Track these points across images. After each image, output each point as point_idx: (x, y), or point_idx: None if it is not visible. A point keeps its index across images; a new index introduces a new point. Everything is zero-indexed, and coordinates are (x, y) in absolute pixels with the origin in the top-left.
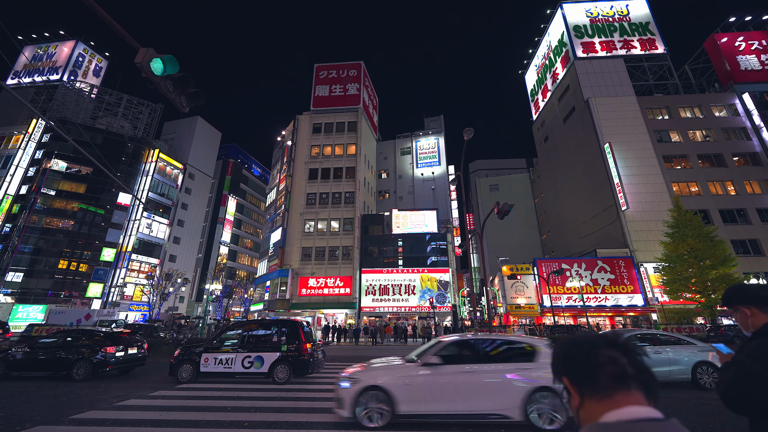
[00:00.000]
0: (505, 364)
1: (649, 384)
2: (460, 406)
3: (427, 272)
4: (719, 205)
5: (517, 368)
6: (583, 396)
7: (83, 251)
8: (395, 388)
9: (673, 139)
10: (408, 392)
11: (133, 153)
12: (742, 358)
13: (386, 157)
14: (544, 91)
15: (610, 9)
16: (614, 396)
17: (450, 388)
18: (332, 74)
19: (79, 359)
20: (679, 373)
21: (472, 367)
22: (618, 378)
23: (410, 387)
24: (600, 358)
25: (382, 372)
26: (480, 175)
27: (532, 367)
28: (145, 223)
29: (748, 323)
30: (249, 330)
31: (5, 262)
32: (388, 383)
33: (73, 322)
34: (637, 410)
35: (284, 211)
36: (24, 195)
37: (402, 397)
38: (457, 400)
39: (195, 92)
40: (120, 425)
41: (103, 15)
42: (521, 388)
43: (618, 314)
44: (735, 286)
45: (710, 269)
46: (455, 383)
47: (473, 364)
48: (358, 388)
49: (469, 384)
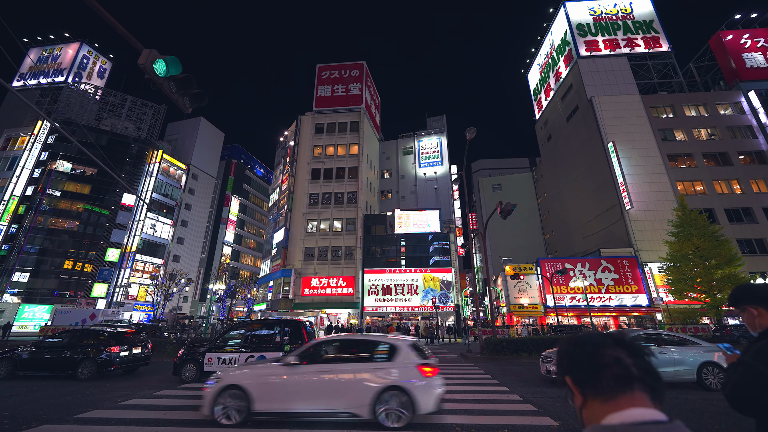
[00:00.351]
0: (363, 364)
1: (654, 386)
2: (313, 405)
3: (429, 272)
4: (725, 204)
5: (374, 368)
6: (586, 396)
7: (88, 251)
8: (253, 387)
9: (678, 137)
10: (265, 391)
11: (137, 154)
12: (749, 358)
13: (389, 156)
14: (547, 90)
15: (614, 7)
16: (617, 397)
17: (305, 387)
18: (334, 74)
19: (84, 359)
20: (684, 374)
21: (330, 367)
22: (622, 379)
23: (268, 386)
24: (604, 358)
25: (247, 372)
26: (483, 174)
27: (388, 367)
28: (149, 224)
29: (756, 323)
30: (252, 330)
31: (12, 262)
32: (247, 382)
33: (78, 322)
34: (640, 412)
35: (287, 211)
36: (30, 196)
37: (259, 395)
38: (311, 399)
39: (198, 93)
40: (124, 424)
41: (106, 17)
42: (372, 387)
43: (622, 314)
44: (742, 286)
45: (716, 269)
46: (311, 383)
47: (334, 363)
48: (219, 387)
49: (323, 383)
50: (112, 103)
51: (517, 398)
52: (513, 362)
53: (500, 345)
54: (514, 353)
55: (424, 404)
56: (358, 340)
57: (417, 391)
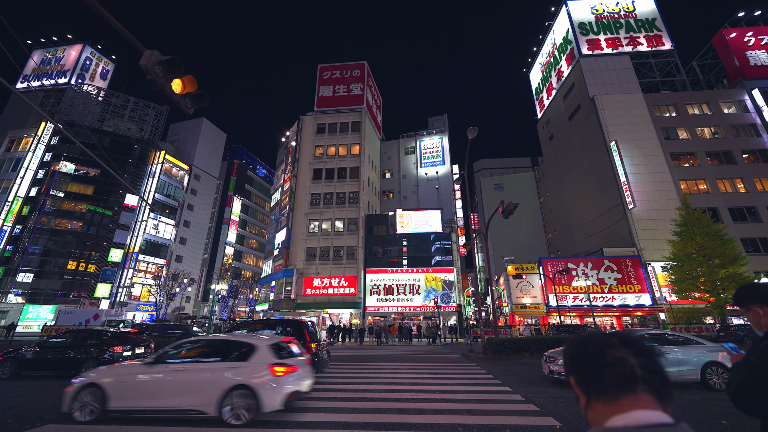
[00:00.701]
0: (217, 363)
1: (660, 387)
2: (165, 402)
3: (431, 272)
4: (728, 202)
5: (226, 367)
6: (589, 397)
7: (91, 252)
8: (110, 385)
9: (681, 136)
10: (121, 389)
11: (139, 155)
12: (753, 358)
13: (390, 156)
14: (549, 89)
15: (616, 5)
16: (620, 398)
17: (158, 385)
18: (336, 74)
19: (87, 359)
20: (688, 374)
21: (186, 366)
22: (624, 379)
23: (125, 384)
24: (606, 357)
25: (106, 371)
26: (484, 174)
27: (240, 366)
28: (151, 224)
29: (761, 323)
30: (254, 330)
31: (16, 263)
32: (105, 381)
33: (81, 322)
34: (646, 415)
35: (289, 211)
36: (34, 197)
37: (115, 393)
38: (163, 396)
39: (199, 94)
40: (127, 423)
41: (108, 18)
42: (221, 385)
43: (625, 314)
44: (747, 285)
45: (719, 268)
46: (165, 381)
47: (190, 363)
48: (80, 385)
49: (176, 382)
50: (114, 105)
51: (519, 398)
52: (515, 362)
53: (502, 345)
54: (516, 353)
55: (270, 403)
56: (218, 341)
57: (263, 390)
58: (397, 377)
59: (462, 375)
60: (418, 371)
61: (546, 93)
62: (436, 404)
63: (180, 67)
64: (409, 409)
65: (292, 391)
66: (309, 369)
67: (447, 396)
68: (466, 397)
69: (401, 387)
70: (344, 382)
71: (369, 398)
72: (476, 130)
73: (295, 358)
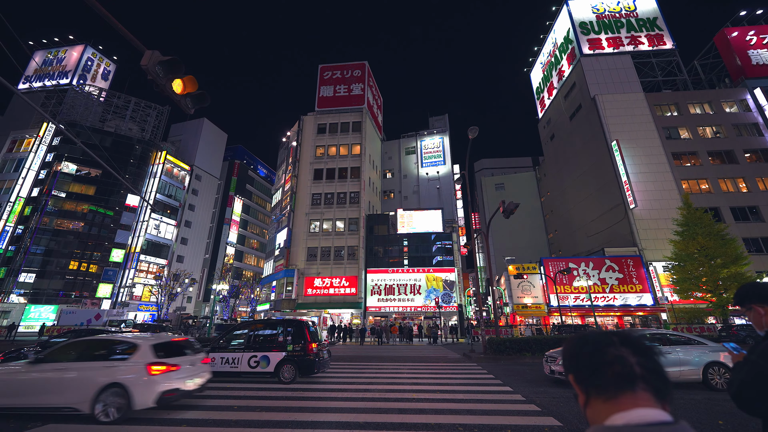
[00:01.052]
0: (95, 363)
1: (659, 386)
2: (42, 400)
3: (432, 272)
4: (730, 202)
5: (103, 366)
6: (588, 395)
7: (93, 252)
8: None
9: (683, 135)
10: (3, 388)
11: (141, 155)
12: (755, 357)
13: (391, 156)
14: (549, 89)
15: (617, 5)
16: (618, 396)
17: (35, 384)
18: (336, 75)
19: None
20: (689, 374)
21: (64, 366)
22: (623, 377)
23: (6, 383)
24: (605, 356)
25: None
26: (485, 174)
27: (117, 365)
28: (153, 225)
29: (762, 322)
30: (255, 330)
31: (18, 263)
32: None
33: (83, 322)
34: (645, 413)
35: (290, 211)
36: (36, 197)
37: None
38: (39, 395)
39: (200, 94)
40: (128, 423)
41: (109, 18)
42: (95, 384)
43: (627, 314)
44: (748, 285)
45: (721, 268)
46: (42, 380)
47: (70, 362)
48: None
49: (54, 381)
50: (116, 105)
51: (520, 398)
52: (516, 362)
53: (503, 345)
54: (517, 353)
55: (141, 400)
56: (106, 341)
57: (135, 388)
58: (397, 377)
59: (463, 375)
60: (419, 371)
61: (547, 92)
62: (437, 404)
63: (180, 67)
64: (409, 409)
65: (170, 389)
66: (203, 368)
67: (448, 396)
68: (467, 397)
69: (402, 387)
70: (345, 382)
71: (370, 398)
72: (477, 129)
73: (185, 357)
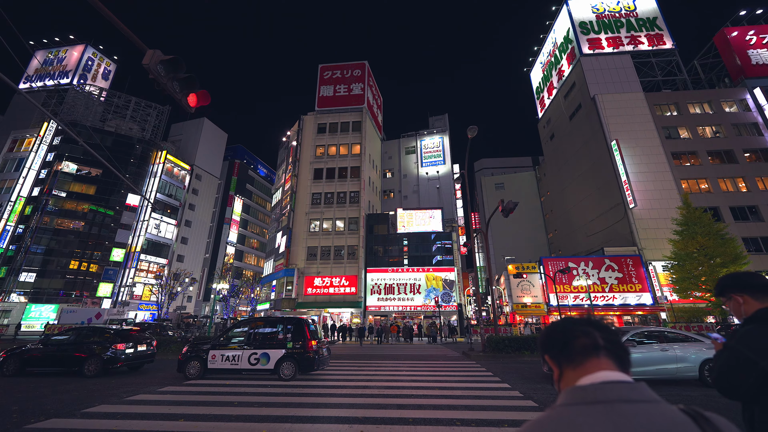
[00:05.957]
0: None
1: (619, 353)
2: None
3: (432, 271)
4: (730, 202)
5: None
6: (561, 367)
7: (93, 252)
8: None
9: (682, 135)
10: None
11: (141, 154)
12: (733, 344)
13: (391, 156)
14: (549, 89)
15: (617, 4)
16: (585, 363)
17: None
18: (336, 74)
19: (90, 356)
20: (686, 371)
21: None
22: (590, 347)
23: None
24: (574, 332)
25: None
26: (485, 173)
27: None
28: (153, 224)
29: (741, 311)
30: (255, 327)
31: (18, 262)
32: None
33: (84, 321)
34: (608, 374)
35: (290, 210)
36: (36, 197)
37: None
38: None
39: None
40: (130, 418)
41: (110, 17)
42: None
43: (626, 313)
44: (728, 275)
45: (721, 267)
46: None
47: None
48: None
49: None
50: (116, 105)
51: (518, 395)
52: (515, 360)
53: (502, 343)
54: (516, 351)
55: None
56: None
57: None
58: (396, 375)
59: (461, 372)
60: (418, 369)
61: (547, 92)
62: (435, 400)
63: (182, 67)
64: (408, 404)
65: None
66: None
67: (446, 392)
68: (465, 393)
69: (401, 384)
70: (344, 379)
71: (369, 394)
72: (476, 129)
73: None
